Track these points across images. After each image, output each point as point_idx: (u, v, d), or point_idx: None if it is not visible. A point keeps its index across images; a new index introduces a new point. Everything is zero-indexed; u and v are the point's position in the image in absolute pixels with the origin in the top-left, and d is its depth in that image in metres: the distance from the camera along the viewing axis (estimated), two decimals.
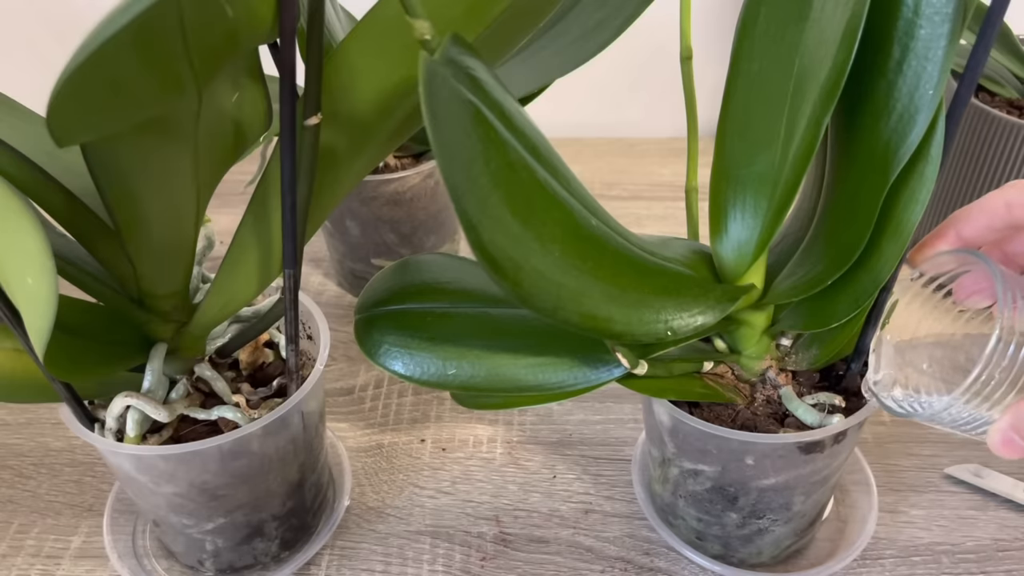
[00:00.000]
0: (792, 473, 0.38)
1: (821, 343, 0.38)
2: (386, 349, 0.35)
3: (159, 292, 0.37)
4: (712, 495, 0.40)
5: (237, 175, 0.39)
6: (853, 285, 0.33)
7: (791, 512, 0.41)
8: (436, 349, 0.35)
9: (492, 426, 0.54)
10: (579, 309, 0.28)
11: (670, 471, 0.42)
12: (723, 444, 0.37)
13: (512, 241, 0.26)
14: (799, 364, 0.39)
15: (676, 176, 0.77)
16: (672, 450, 0.40)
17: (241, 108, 0.31)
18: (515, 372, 0.35)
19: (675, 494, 0.43)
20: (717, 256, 0.36)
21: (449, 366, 0.35)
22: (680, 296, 0.31)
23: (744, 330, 0.37)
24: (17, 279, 0.27)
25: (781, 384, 0.39)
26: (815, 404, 0.38)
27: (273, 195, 0.33)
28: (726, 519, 0.41)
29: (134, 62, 0.23)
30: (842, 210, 0.33)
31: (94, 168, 0.30)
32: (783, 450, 0.37)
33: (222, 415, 0.39)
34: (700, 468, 0.39)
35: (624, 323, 0.29)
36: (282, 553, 0.45)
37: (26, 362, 0.35)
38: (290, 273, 0.35)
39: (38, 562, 0.46)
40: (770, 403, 0.39)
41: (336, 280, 0.66)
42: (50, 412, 0.56)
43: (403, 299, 0.37)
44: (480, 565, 0.45)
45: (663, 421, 0.40)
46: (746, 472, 0.38)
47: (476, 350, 0.35)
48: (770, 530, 0.41)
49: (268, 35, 0.27)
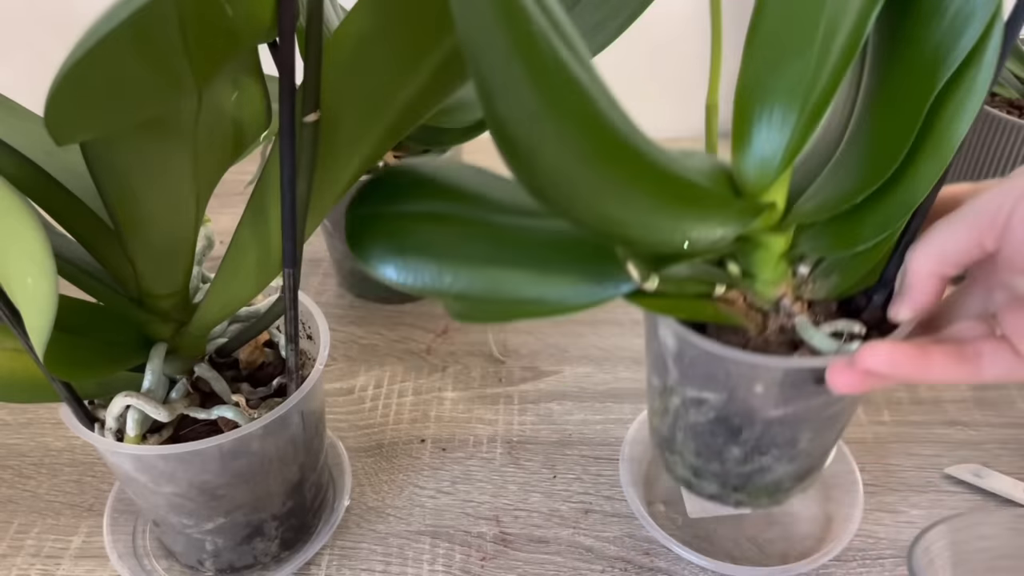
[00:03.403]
0: (802, 405, 0.35)
1: (842, 270, 0.35)
2: (378, 253, 0.33)
3: (159, 292, 0.37)
4: (715, 427, 0.38)
5: (237, 175, 0.39)
6: (884, 204, 0.31)
7: (796, 450, 0.38)
8: (432, 255, 0.32)
9: (492, 426, 0.54)
10: (594, 209, 0.26)
11: (671, 401, 0.39)
12: (732, 368, 0.35)
13: (529, 119, 0.24)
14: (816, 293, 0.36)
15: None
16: (675, 377, 0.38)
17: (240, 107, 0.31)
18: (515, 284, 0.32)
19: (674, 426, 0.40)
20: (738, 172, 0.33)
21: (445, 273, 0.32)
22: (700, 207, 0.29)
23: (761, 253, 0.35)
24: (17, 279, 0.27)
25: (796, 313, 0.36)
26: (833, 333, 0.35)
27: (272, 194, 0.33)
28: (727, 454, 0.39)
29: (133, 60, 0.23)
30: (879, 121, 0.31)
31: (94, 168, 0.30)
32: (796, 377, 0.34)
33: (222, 415, 0.39)
34: (704, 396, 0.37)
35: (640, 229, 0.27)
36: (282, 553, 0.45)
37: (26, 362, 0.35)
38: (290, 272, 0.35)
39: (38, 562, 0.46)
40: (783, 332, 0.36)
41: (336, 280, 0.66)
42: (50, 412, 0.56)
43: (399, 200, 0.34)
44: (480, 565, 0.45)
45: (668, 344, 0.37)
46: (754, 401, 0.36)
47: (475, 258, 0.32)
48: (772, 469, 0.39)
49: (267, 34, 0.27)
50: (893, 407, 0.54)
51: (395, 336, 0.61)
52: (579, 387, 0.57)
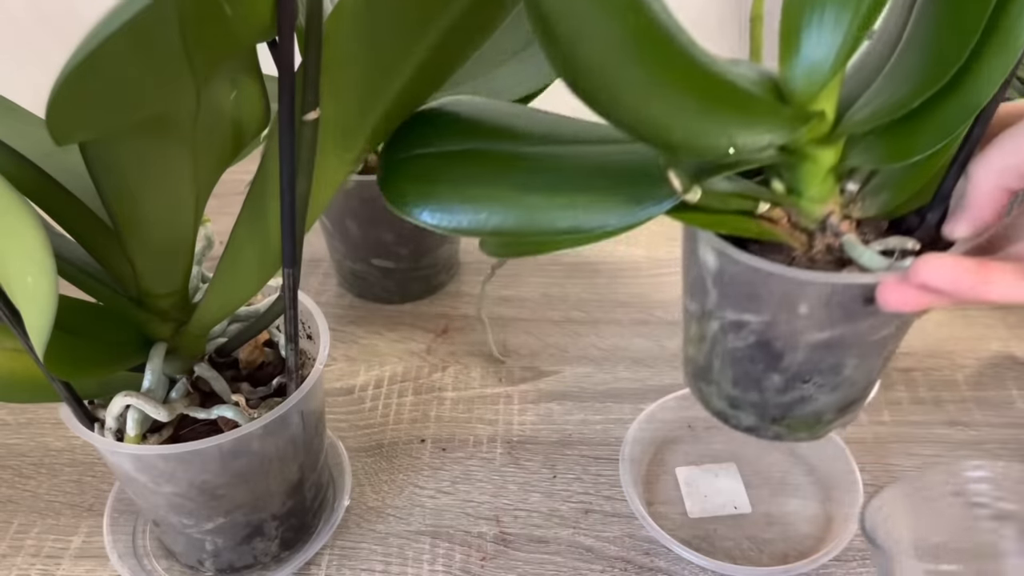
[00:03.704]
0: (848, 328, 0.34)
1: (894, 186, 0.34)
2: (411, 198, 0.32)
3: (158, 292, 0.37)
4: (754, 352, 0.36)
5: (237, 175, 0.39)
6: (945, 108, 0.29)
7: (840, 377, 0.36)
8: (464, 193, 0.32)
9: (492, 426, 0.54)
10: (637, 109, 0.25)
11: (708, 327, 0.38)
12: (776, 287, 0.33)
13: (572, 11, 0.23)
14: (865, 211, 0.35)
15: None
16: (715, 299, 0.36)
17: (239, 106, 0.31)
18: (551, 214, 0.31)
19: (711, 354, 0.38)
20: (786, 80, 0.32)
21: (479, 211, 0.31)
22: (747, 112, 0.28)
23: (808, 167, 0.33)
24: (17, 279, 0.27)
25: (843, 232, 0.34)
26: (883, 252, 0.33)
27: (269, 192, 0.33)
28: (766, 383, 0.37)
29: (133, 61, 0.23)
30: (941, 18, 0.29)
31: (93, 168, 0.30)
32: (844, 296, 0.33)
33: (222, 414, 0.39)
34: (745, 319, 0.35)
35: (684, 133, 0.26)
36: (282, 553, 0.45)
37: (26, 362, 0.35)
38: (289, 272, 0.35)
39: (38, 562, 0.46)
40: (830, 251, 0.34)
41: (336, 280, 0.66)
42: (50, 412, 0.56)
43: (427, 143, 0.34)
44: (480, 565, 0.45)
45: (708, 263, 0.36)
46: (797, 324, 0.34)
47: (508, 192, 0.31)
48: (813, 399, 0.37)
49: (267, 33, 0.27)
50: (893, 407, 0.54)
51: (395, 336, 0.61)
52: (579, 387, 0.57)
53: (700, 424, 0.53)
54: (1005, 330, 0.60)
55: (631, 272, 0.67)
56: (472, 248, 0.69)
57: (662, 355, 0.59)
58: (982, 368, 0.57)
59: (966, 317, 0.61)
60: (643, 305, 0.63)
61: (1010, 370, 0.56)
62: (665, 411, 0.52)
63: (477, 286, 0.65)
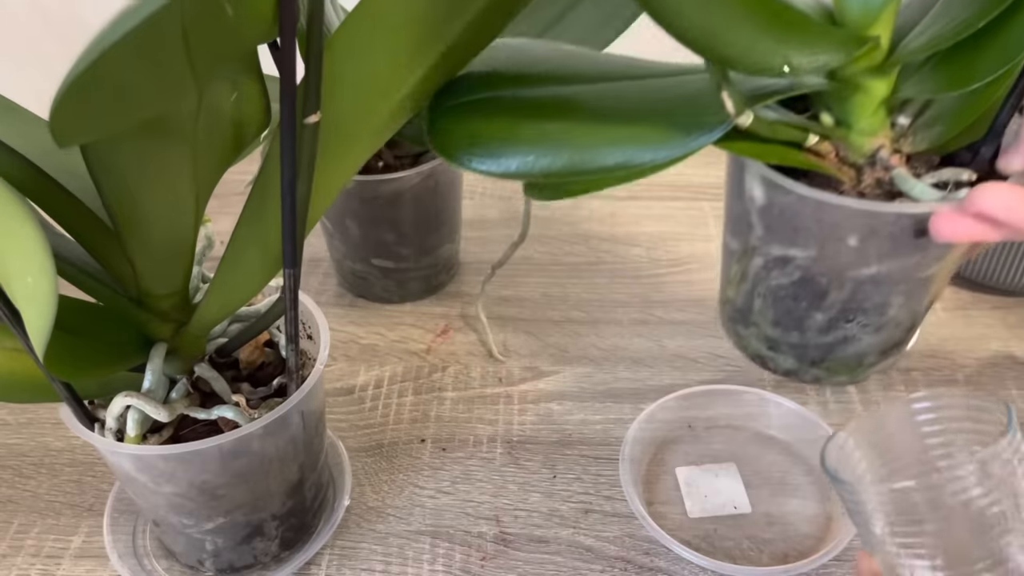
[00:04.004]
0: (897, 263, 0.34)
1: (947, 118, 0.33)
2: (459, 146, 0.32)
3: (159, 292, 0.37)
4: (798, 290, 0.36)
5: (237, 175, 0.39)
6: (1006, 32, 0.29)
7: (885, 317, 0.36)
8: (512, 137, 0.31)
9: (492, 426, 0.54)
10: (699, 22, 0.25)
11: (751, 264, 0.37)
12: (826, 217, 0.33)
13: None
14: (916, 146, 0.34)
15: (675, 176, 0.77)
16: (760, 234, 0.36)
17: (240, 107, 0.31)
18: (599, 151, 0.31)
19: (752, 293, 0.38)
20: (840, 8, 0.31)
21: (527, 154, 0.31)
22: (803, 32, 0.28)
23: (859, 98, 0.33)
24: (17, 279, 0.27)
25: (894, 166, 0.34)
26: (935, 184, 0.33)
27: (270, 193, 0.33)
28: (809, 322, 0.37)
29: (137, 67, 0.23)
30: None
31: (93, 169, 0.30)
32: (895, 228, 0.32)
33: (222, 415, 0.39)
34: (791, 254, 0.35)
35: (741, 48, 0.27)
36: (282, 553, 0.45)
37: (26, 362, 0.35)
38: (290, 272, 0.35)
39: (38, 562, 0.46)
40: (879, 185, 0.34)
41: (336, 280, 0.66)
42: (50, 412, 0.56)
43: (473, 90, 0.33)
44: (480, 565, 0.45)
45: (755, 197, 0.35)
46: (845, 258, 0.34)
47: (555, 133, 0.31)
48: (856, 339, 0.37)
49: (268, 34, 0.27)
50: None
51: (395, 336, 0.61)
52: (579, 387, 0.57)
53: (700, 424, 0.53)
54: (1005, 330, 0.60)
55: (631, 272, 0.67)
56: (472, 248, 0.69)
57: (662, 355, 0.59)
58: (982, 368, 0.57)
59: (966, 317, 0.61)
60: (643, 305, 0.63)
61: (1010, 370, 0.56)
62: (665, 411, 0.52)
63: (477, 286, 0.65)
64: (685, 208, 0.73)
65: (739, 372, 0.57)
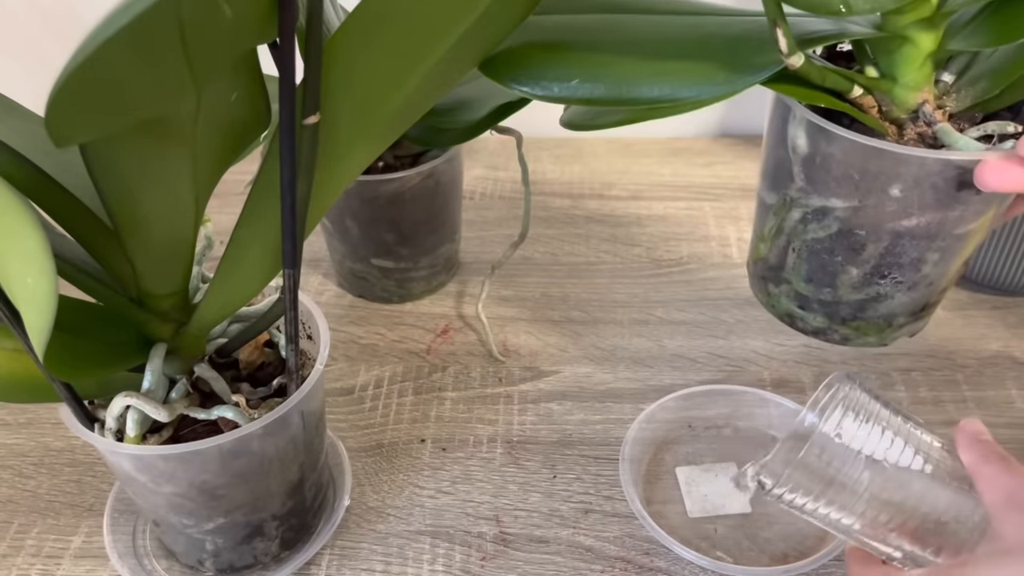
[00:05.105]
0: (937, 216, 0.34)
1: (992, 74, 0.33)
2: (503, 67, 0.32)
3: (158, 292, 0.37)
4: (835, 243, 0.36)
5: (237, 175, 0.39)
6: None
7: (919, 274, 0.36)
8: (556, 61, 0.31)
9: (492, 426, 0.54)
10: None
11: (788, 218, 0.37)
12: (872, 166, 0.33)
13: None
14: (960, 103, 0.35)
15: (675, 176, 0.77)
16: (800, 185, 0.36)
17: (239, 107, 0.31)
18: (642, 82, 0.31)
19: (787, 248, 0.38)
20: None
21: (570, 78, 0.31)
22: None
23: (906, 50, 0.33)
24: (17, 279, 0.27)
25: (937, 121, 0.34)
26: (980, 137, 0.33)
27: (270, 193, 0.33)
28: (842, 277, 0.37)
29: (133, 63, 0.23)
30: None
31: (93, 168, 0.30)
32: (939, 178, 0.32)
33: (222, 415, 0.39)
34: (831, 205, 0.35)
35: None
36: (282, 553, 0.45)
37: (26, 362, 0.35)
38: (290, 273, 0.35)
39: (38, 562, 0.46)
40: (922, 140, 0.34)
41: (336, 280, 0.66)
42: (50, 412, 0.56)
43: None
44: (480, 565, 0.45)
45: (798, 145, 0.35)
46: (886, 209, 0.34)
47: (600, 60, 0.31)
48: (889, 297, 0.37)
49: (267, 34, 0.27)
50: None
51: (395, 336, 0.61)
52: (579, 387, 0.57)
53: (700, 424, 0.53)
54: (1005, 330, 0.60)
55: (631, 272, 0.67)
56: (472, 248, 0.69)
57: (662, 355, 0.59)
58: (982, 368, 0.57)
59: (966, 317, 0.61)
60: (643, 305, 0.63)
61: (1010, 370, 0.56)
62: (665, 411, 0.52)
63: (477, 286, 0.65)
64: (685, 208, 0.73)
65: (739, 372, 0.57)
